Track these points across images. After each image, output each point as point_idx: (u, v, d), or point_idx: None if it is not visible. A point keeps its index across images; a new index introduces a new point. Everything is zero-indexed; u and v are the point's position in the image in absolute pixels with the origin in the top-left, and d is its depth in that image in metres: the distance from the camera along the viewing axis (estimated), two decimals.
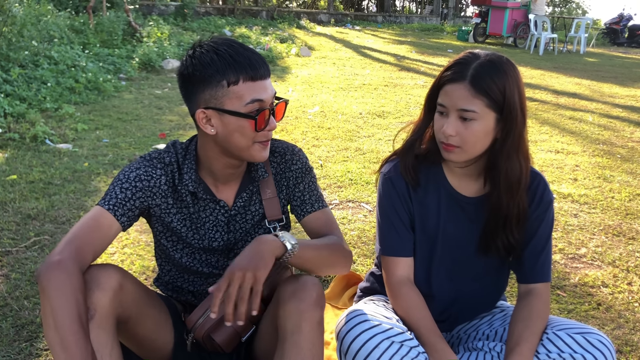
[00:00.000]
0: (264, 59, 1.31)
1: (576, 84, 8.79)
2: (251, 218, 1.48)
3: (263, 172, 1.46)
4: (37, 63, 6.02)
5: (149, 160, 1.39)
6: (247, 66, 1.26)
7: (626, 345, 2.08)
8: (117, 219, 1.31)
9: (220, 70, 1.25)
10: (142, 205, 1.37)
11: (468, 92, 1.31)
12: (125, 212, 1.32)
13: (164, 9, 13.04)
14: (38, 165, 3.79)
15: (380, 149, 4.62)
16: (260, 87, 1.28)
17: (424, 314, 1.44)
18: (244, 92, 1.26)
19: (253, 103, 1.27)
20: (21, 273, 2.41)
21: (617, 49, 16.20)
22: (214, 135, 1.32)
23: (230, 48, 1.28)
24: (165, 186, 1.39)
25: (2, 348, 1.92)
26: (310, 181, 1.51)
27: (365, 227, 3.05)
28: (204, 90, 1.28)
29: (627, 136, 5.52)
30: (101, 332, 1.21)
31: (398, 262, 1.50)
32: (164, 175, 1.39)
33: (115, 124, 5.03)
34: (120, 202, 1.32)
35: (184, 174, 1.39)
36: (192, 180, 1.39)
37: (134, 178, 1.35)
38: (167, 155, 1.41)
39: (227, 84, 1.26)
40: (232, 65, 1.25)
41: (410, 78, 8.58)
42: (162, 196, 1.40)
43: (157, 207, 1.40)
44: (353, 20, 18.47)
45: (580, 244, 2.98)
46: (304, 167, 1.50)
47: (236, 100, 1.27)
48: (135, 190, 1.34)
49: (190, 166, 1.40)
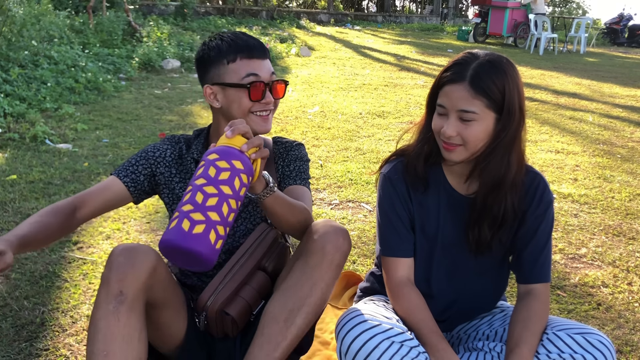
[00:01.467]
0: (263, 44, 1.51)
1: (576, 84, 8.79)
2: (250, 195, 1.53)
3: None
4: (37, 63, 6.02)
5: (162, 140, 1.64)
6: (244, 47, 1.48)
7: (626, 345, 2.08)
8: (121, 179, 1.54)
9: (222, 52, 1.48)
10: (146, 171, 1.57)
11: (468, 93, 1.31)
12: (128, 174, 1.55)
13: (164, 9, 13.03)
14: (38, 165, 3.79)
15: (380, 149, 4.62)
16: (256, 64, 1.48)
17: (424, 314, 1.44)
18: (241, 67, 1.47)
19: (249, 76, 1.47)
20: (21, 273, 2.41)
21: (617, 49, 16.19)
22: (219, 108, 1.52)
23: (233, 34, 1.51)
24: (170, 157, 1.60)
25: (2, 348, 1.92)
26: (301, 165, 1.63)
27: (365, 227, 3.05)
28: (210, 70, 1.51)
29: (627, 136, 5.52)
30: (132, 315, 1.23)
31: (398, 262, 1.50)
32: (169, 148, 1.61)
33: (115, 124, 5.03)
34: (123, 167, 1.56)
35: (192, 145, 1.61)
36: (198, 150, 1.58)
37: (141, 152, 1.59)
38: (180, 136, 1.65)
39: (227, 62, 1.48)
40: (231, 46, 1.48)
41: (410, 78, 8.58)
42: (165, 165, 1.59)
43: (160, 175, 1.58)
44: (353, 20, 18.47)
45: (580, 244, 2.98)
46: (300, 155, 1.64)
47: (234, 75, 1.47)
48: (139, 159, 1.57)
49: (200, 141, 1.61)
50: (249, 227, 1.60)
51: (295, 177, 1.61)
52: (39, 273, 2.41)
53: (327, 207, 3.35)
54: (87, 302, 2.23)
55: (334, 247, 1.37)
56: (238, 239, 1.59)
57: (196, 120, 5.41)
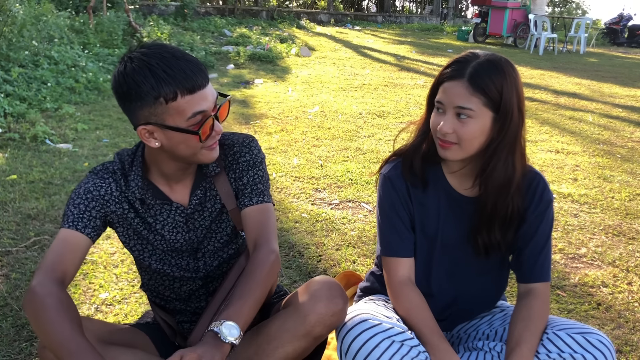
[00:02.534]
0: (200, 64, 1.25)
1: (576, 84, 8.79)
2: (209, 214, 1.46)
3: (214, 167, 1.43)
4: (37, 63, 6.03)
5: (95, 173, 1.38)
6: (183, 79, 1.20)
7: (626, 345, 2.08)
8: (81, 231, 1.31)
9: (155, 87, 1.20)
10: (100, 214, 1.35)
11: (466, 90, 1.32)
12: (86, 223, 1.32)
13: (164, 9, 13.04)
14: (38, 165, 3.79)
15: (380, 149, 4.62)
16: (200, 97, 1.23)
17: (426, 314, 1.44)
18: (184, 106, 1.22)
19: (195, 116, 1.24)
20: (21, 273, 2.41)
21: (617, 49, 16.19)
22: (160, 148, 1.30)
23: (162, 61, 1.21)
24: (117, 192, 1.38)
25: (2, 348, 1.92)
26: (255, 174, 1.45)
27: (365, 227, 3.05)
28: (143, 108, 1.24)
29: (627, 136, 5.52)
30: None
31: (399, 262, 1.50)
32: (113, 182, 1.38)
33: (115, 124, 5.03)
34: (77, 217, 1.32)
35: (130, 181, 1.37)
36: (138, 187, 1.37)
37: (84, 192, 1.35)
38: (112, 165, 1.40)
39: (165, 100, 1.21)
40: (166, 81, 1.20)
41: (410, 78, 8.58)
42: (116, 202, 1.38)
43: (113, 214, 1.38)
44: (353, 20, 18.47)
45: (580, 243, 2.98)
46: (252, 160, 1.45)
47: (177, 116, 1.23)
48: (87, 202, 1.34)
49: (137, 172, 1.38)
50: (217, 245, 1.51)
51: (250, 193, 1.43)
52: None
53: (327, 207, 3.36)
54: (87, 302, 2.23)
55: (318, 319, 1.30)
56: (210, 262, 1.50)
57: None
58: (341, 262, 2.64)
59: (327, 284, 1.35)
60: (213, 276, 1.52)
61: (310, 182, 3.72)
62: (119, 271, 2.48)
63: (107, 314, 2.16)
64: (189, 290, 1.51)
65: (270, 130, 5.11)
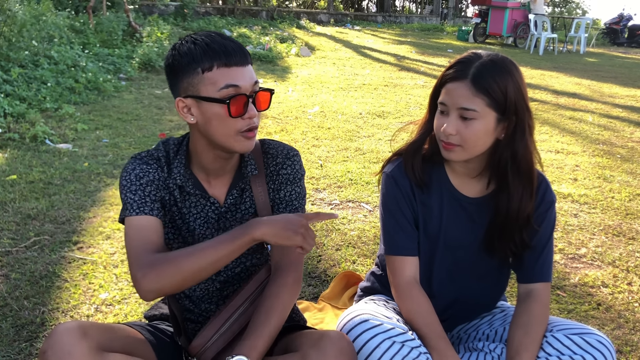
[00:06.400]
0: (243, 47, 1.30)
1: (576, 84, 8.79)
2: (241, 216, 1.46)
3: (253, 168, 1.43)
4: (37, 63, 6.02)
5: (140, 159, 1.39)
6: (222, 52, 1.26)
7: (626, 345, 2.08)
8: (150, 214, 1.32)
9: (195, 58, 1.26)
10: (157, 197, 1.36)
11: (469, 91, 1.31)
12: (151, 207, 1.33)
13: (164, 9, 13.03)
14: (38, 165, 3.79)
15: (380, 149, 4.62)
16: (236, 72, 1.27)
17: (431, 318, 1.43)
18: (218, 77, 1.26)
19: (227, 88, 1.26)
20: (21, 273, 2.41)
21: (617, 49, 16.19)
22: (195, 124, 1.32)
23: (208, 37, 1.29)
24: (161, 179, 1.39)
25: (2, 348, 1.91)
26: (293, 190, 1.45)
27: (365, 227, 3.05)
28: (182, 79, 1.29)
29: (627, 136, 5.52)
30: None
31: (405, 261, 1.49)
32: (158, 168, 1.39)
33: (115, 124, 5.03)
34: (140, 203, 1.33)
35: (173, 168, 1.39)
36: (180, 175, 1.39)
37: (135, 178, 1.35)
38: (156, 152, 1.42)
39: (202, 70, 1.26)
40: (206, 52, 1.26)
41: (410, 78, 8.58)
42: (162, 188, 1.39)
43: (162, 198, 1.40)
44: (353, 20, 18.46)
45: (580, 244, 2.98)
46: (293, 174, 1.46)
47: (210, 86, 1.27)
48: (143, 187, 1.34)
49: (181, 160, 1.40)
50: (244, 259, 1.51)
51: (284, 209, 1.44)
52: (39, 273, 2.41)
53: (327, 207, 3.35)
54: (87, 302, 2.23)
55: None
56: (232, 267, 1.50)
57: None
58: (341, 262, 2.64)
59: (337, 347, 1.26)
60: (231, 281, 1.51)
61: (310, 182, 3.72)
62: (118, 271, 2.48)
63: (107, 314, 2.16)
64: (204, 291, 1.50)
65: (270, 130, 5.11)
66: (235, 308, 1.41)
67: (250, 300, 1.43)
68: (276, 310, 1.33)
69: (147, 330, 1.48)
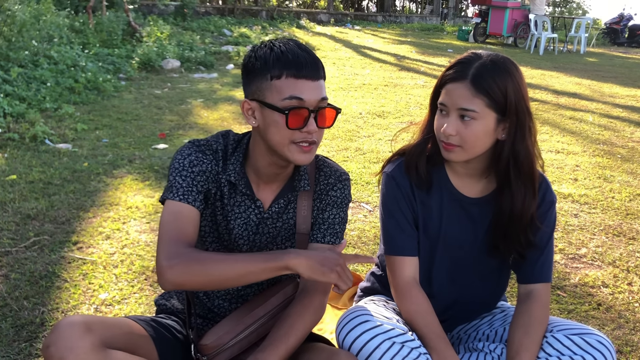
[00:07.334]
0: (319, 61, 1.30)
1: (576, 84, 8.79)
2: (281, 225, 1.46)
3: (306, 183, 1.43)
4: (37, 63, 6.02)
5: (198, 147, 1.40)
6: (293, 63, 1.26)
7: (626, 346, 2.08)
8: (192, 204, 1.32)
9: (268, 64, 1.28)
10: (203, 189, 1.37)
11: (469, 92, 1.31)
12: (195, 197, 1.34)
13: (163, 9, 13.03)
14: (38, 165, 3.79)
15: (380, 149, 4.62)
16: (303, 85, 1.27)
17: (431, 318, 1.43)
18: (284, 87, 1.27)
19: (291, 99, 1.26)
20: (21, 273, 2.41)
21: (617, 49, 16.19)
22: (257, 128, 1.34)
23: (285, 45, 1.30)
24: (214, 171, 1.40)
25: (2, 348, 1.91)
26: (337, 214, 1.46)
27: (365, 227, 3.05)
28: (253, 82, 1.31)
29: (627, 136, 5.52)
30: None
31: (405, 262, 1.48)
32: (214, 160, 1.40)
33: (115, 124, 5.02)
34: (186, 190, 1.33)
35: (229, 164, 1.40)
36: (235, 172, 1.39)
37: (189, 165, 1.36)
38: (215, 143, 1.42)
39: (271, 77, 1.28)
40: (279, 60, 1.27)
41: (410, 78, 8.58)
42: (212, 181, 1.39)
43: (208, 191, 1.40)
44: (353, 20, 18.46)
45: (580, 244, 2.98)
46: (341, 198, 1.46)
47: (276, 94, 1.27)
48: (193, 176, 1.35)
49: (238, 158, 1.40)
50: None
51: (325, 230, 1.44)
52: (39, 273, 2.41)
53: None
54: (86, 302, 2.23)
55: None
56: None
57: (196, 120, 5.41)
58: None
59: None
60: (253, 286, 1.50)
61: None
62: (118, 271, 2.48)
63: (106, 315, 2.16)
64: (224, 290, 1.50)
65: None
66: (257, 317, 1.41)
67: (273, 314, 1.42)
68: (297, 330, 1.33)
69: (151, 326, 1.48)
